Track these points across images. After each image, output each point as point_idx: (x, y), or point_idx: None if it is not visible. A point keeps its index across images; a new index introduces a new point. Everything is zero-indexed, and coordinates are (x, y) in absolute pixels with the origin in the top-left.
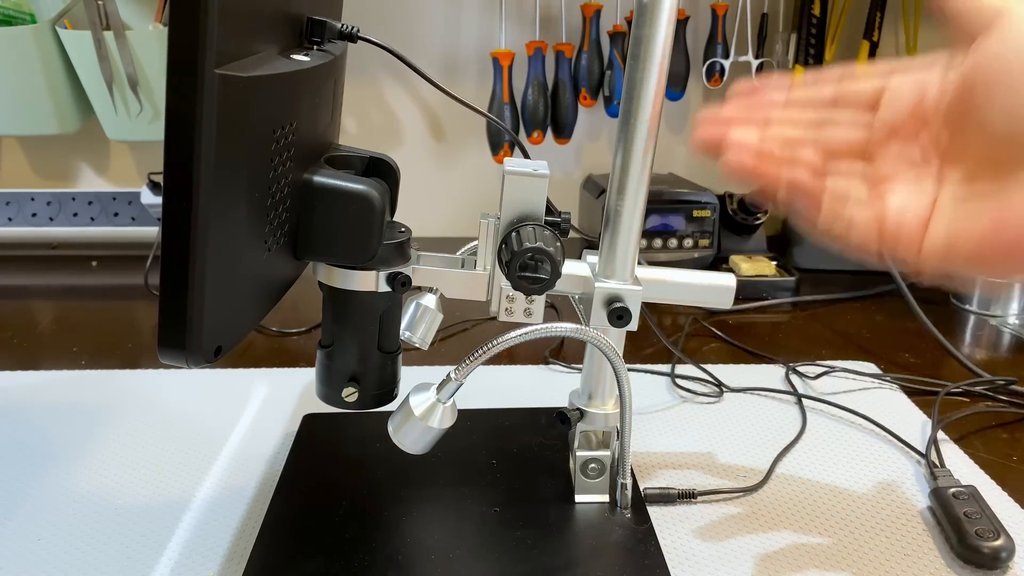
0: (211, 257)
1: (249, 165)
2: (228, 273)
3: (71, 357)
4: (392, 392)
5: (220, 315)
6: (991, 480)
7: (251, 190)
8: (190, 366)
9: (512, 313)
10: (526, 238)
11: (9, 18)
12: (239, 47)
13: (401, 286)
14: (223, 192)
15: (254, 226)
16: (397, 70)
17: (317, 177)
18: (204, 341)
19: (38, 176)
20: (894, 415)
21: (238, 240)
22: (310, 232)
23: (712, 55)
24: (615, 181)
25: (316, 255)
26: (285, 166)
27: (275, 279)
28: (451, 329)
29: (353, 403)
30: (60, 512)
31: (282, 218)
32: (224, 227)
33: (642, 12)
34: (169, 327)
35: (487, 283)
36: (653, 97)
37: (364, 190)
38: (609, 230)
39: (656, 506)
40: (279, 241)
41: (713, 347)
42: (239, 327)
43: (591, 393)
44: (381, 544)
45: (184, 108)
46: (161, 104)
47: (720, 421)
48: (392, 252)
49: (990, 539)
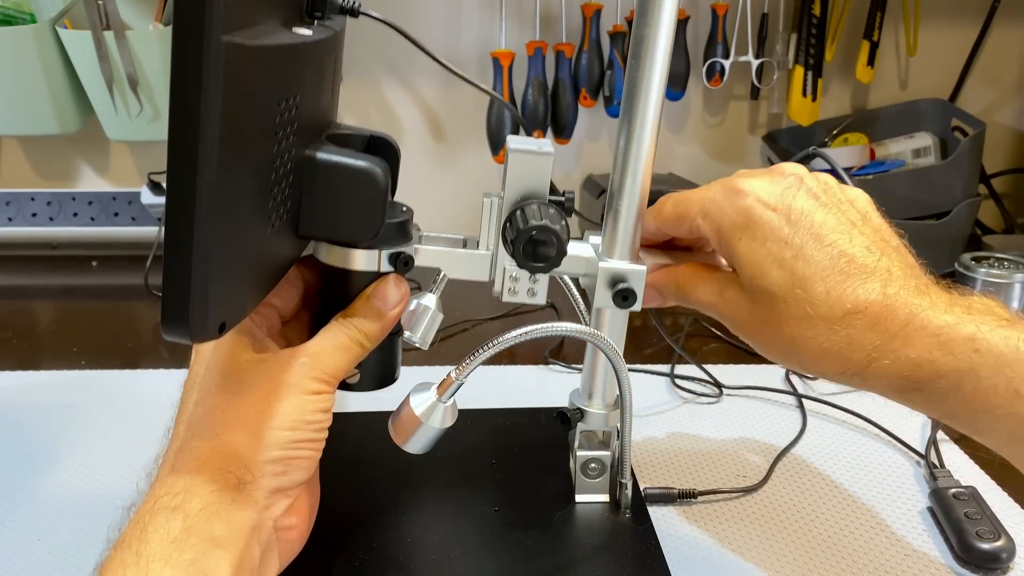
0: (215, 230)
1: (253, 137)
2: (232, 247)
3: (71, 357)
4: (394, 375)
5: (224, 290)
6: (991, 480)
7: (255, 163)
8: (194, 341)
9: (516, 293)
10: (531, 216)
11: (9, 18)
12: (244, 17)
13: (404, 266)
14: (228, 164)
15: (258, 200)
16: (397, 70)
17: (320, 153)
18: (208, 316)
19: (38, 176)
20: (894, 415)
21: (242, 214)
22: (312, 209)
23: (712, 55)
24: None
25: (318, 233)
26: (288, 140)
27: (277, 257)
28: (451, 329)
29: (355, 385)
30: (60, 512)
31: (285, 193)
32: (229, 200)
33: (642, 12)
34: (173, 302)
35: (490, 263)
36: (653, 97)
37: (367, 166)
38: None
39: (656, 506)
40: (282, 217)
41: (713, 347)
42: (242, 304)
43: (591, 393)
44: (381, 544)
45: (190, 76)
46: (161, 104)
47: (720, 421)
48: (394, 232)
49: (991, 540)
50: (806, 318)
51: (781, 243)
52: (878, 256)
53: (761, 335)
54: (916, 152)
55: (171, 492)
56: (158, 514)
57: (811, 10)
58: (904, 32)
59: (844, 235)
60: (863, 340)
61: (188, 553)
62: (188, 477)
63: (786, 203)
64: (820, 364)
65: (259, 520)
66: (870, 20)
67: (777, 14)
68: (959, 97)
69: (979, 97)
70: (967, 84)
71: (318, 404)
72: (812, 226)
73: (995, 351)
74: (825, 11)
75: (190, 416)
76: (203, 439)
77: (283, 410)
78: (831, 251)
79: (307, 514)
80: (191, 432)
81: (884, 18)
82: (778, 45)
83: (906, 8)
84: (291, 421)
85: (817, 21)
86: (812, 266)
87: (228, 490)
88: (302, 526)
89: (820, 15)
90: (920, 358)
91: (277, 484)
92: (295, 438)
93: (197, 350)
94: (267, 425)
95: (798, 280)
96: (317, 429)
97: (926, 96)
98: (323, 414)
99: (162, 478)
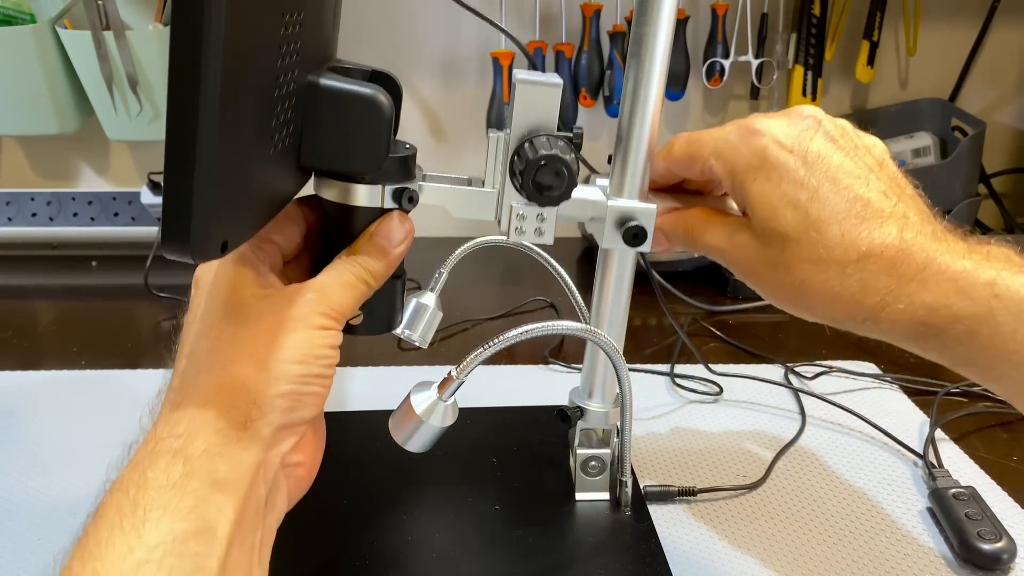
0: (218, 140)
1: (258, 46)
2: (235, 161)
3: (71, 357)
4: (396, 319)
5: (226, 206)
6: (991, 480)
7: (259, 74)
8: (196, 259)
9: (523, 232)
10: (541, 146)
11: (9, 18)
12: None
13: (408, 202)
14: (231, 71)
15: (261, 116)
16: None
17: (323, 80)
18: (211, 232)
19: (38, 176)
20: (894, 415)
21: (245, 127)
22: (315, 138)
23: (712, 55)
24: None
25: (321, 163)
26: (292, 58)
27: (278, 185)
28: (451, 329)
29: (358, 328)
30: (60, 512)
31: (288, 115)
32: (232, 109)
33: (642, 12)
34: (173, 218)
35: (496, 201)
36: (653, 97)
37: (372, 93)
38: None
39: (656, 504)
40: (284, 140)
41: (712, 347)
42: (245, 225)
43: (591, 391)
44: (382, 543)
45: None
46: (161, 105)
47: (719, 420)
48: (398, 167)
49: (992, 541)
50: (819, 261)
51: (796, 185)
52: (895, 201)
53: (770, 280)
54: (916, 152)
55: (174, 433)
56: (159, 457)
57: (811, 10)
58: (904, 32)
59: (861, 179)
60: (877, 284)
61: (188, 499)
62: (192, 416)
63: (803, 145)
64: (831, 309)
65: (264, 458)
66: (870, 20)
67: (777, 14)
68: (959, 97)
69: (979, 97)
70: (967, 84)
71: (327, 339)
72: (829, 169)
73: (1016, 296)
74: (825, 11)
75: (192, 348)
76: (210, 373)
77: (292, 343)
78: (847, 194)
79: (314, 452)
80: (196, 366)
81: (884, 18)
82: (778, 45)
83: (906, 8)
84: (301, 355)
85: (817, 21)
86: (827, 209)
87: (234, 428)
88: (309, 463)
89: (820, 15)
90: (936, 303)
91: (285, 420)
92: (305, 372)
93: (197, 283)
94: (276, 358)
95: (812, 222)
96: (326, 365)
97: (926, 96)
98: (332, 350)
99: (165, 415)
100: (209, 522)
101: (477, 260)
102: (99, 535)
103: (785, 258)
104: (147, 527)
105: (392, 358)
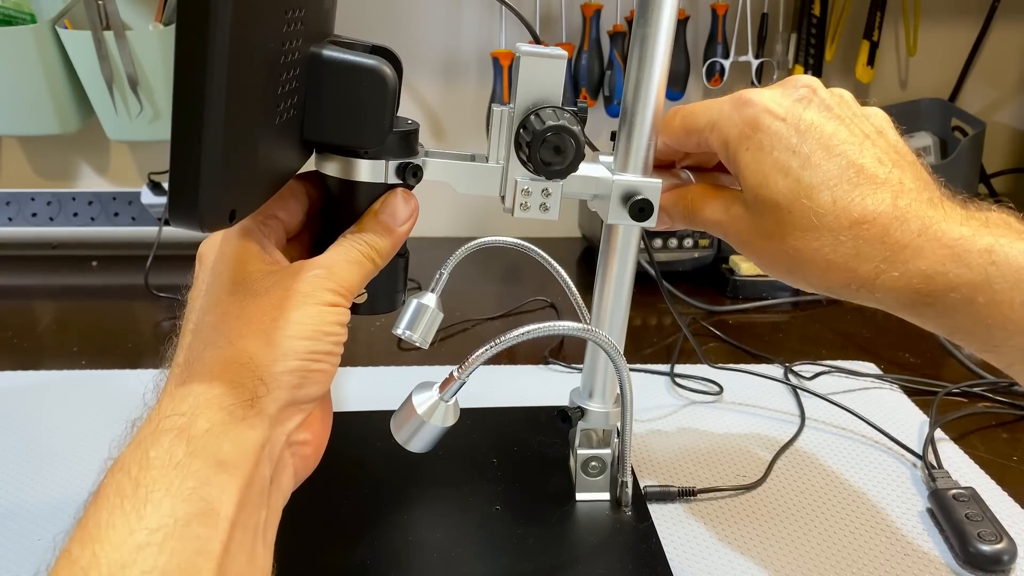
0: (226, 105)
1: (265, 10)
2: (242, 130)
3: (71, 357)
4: (400, 299)
5: (234, 175)
6: (991, 480)
7: (266, 39)
8: (204, 229)
9: (528, 208)
10: (547, 118)
11: (9, 18)
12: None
13: (412, 177)
14: (239, 36)
15: (268, 85)
16: None
17: (326, 51)
18: (220, 200)
19: (38, 176)
20: (893, 415)
21: (252, 95)
22: (318, 111)
23: (712, 55)
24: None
25: (324, 136)
26: (297, 26)
27: (282, 157)
28: (451, 329)
29: (362, 306)
30: (60, 512)
31: (292, 85)
32: (239, 73)
33: (642, 12)
34: (181, 187)
35: (500, 176)
36: (653, 97)
37: (376, 65)
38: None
39: (656, 504)
40: (289, 111)
41: (712, 347)
42: (252, 195)
43: (592, 391)
44: (383, 543)
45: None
46: (161, 105)
47: (719, 420)
48: (401, 142)
49: (992, 542)
50: (811, 228)
51: (788, 152)
52: (889, 168)
53: (765, 249)
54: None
55: (179, 411)
56: (162, 436)
57: (811, 10)
58: (904, 32)
59: (855, 146)
60: (871, 251)
61: (191, 480)
62: (197, 394)
63: (796, 114)
64: (825, 277)
65: (270, 436)
66: (870, 20)
67: (777, 14)
68: (959, 97)
69: (979, 97)
70: (967, 84)
71: (335, 316)
72: (822, 137)
73: (1013, 264)
74: (825, 11)
75: (198, 323)
76: (217, 348)
77: (300, 319)
78: (840, 161)
79: (320, 430)
80: (202, 341)
81: (884, 18)
82: (778, 45)
83: (906, 8)
84: (309, 331)
85: (817, 21)
86: (819, 175)
87: (240, 407)
88: (316, 441)
89: (820, 15)
90: (932, 270)
91: (291, 397)
92: (313, 348)
93: (201, 259)
94: (284, 333)
95: (804, 189)
96: (334, 343)
97: (926, 96)
98: (340, 327)
99: (170, 392)
100: (212, 504)
101: (477, 260)
102: (99, 517)
103: (778, 227)
104: (148, 509)
105: (392, 358)
